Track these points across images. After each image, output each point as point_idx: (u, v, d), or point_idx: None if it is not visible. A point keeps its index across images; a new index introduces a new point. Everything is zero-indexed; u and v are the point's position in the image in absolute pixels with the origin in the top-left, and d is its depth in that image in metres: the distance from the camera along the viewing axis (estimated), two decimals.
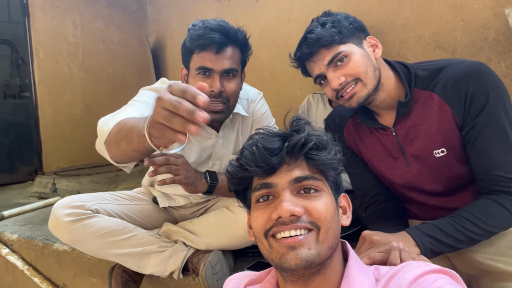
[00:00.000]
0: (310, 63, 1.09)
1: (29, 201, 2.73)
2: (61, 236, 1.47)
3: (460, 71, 1.02)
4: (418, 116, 1.08)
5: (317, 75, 1.08)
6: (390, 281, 0.66)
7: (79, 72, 3.71)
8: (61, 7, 3.59)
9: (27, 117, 3.51)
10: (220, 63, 1.30)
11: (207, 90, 0.62)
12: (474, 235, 0.97)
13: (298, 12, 2.55)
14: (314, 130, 0.73)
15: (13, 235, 2.03)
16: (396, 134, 1.12)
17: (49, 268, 1.89)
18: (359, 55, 1.04)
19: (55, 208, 1.45)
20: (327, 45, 1.03)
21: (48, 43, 3.51)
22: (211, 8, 3.11)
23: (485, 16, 1.71)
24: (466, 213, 0.98)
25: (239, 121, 1.52)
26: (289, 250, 0.65)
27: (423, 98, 1.07)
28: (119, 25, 4.02)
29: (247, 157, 0.71)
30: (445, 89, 1.03)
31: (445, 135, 1.05)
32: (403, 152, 1.12)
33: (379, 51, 1.09)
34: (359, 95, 1.04)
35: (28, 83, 3.53)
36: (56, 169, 3.49)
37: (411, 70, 1.09)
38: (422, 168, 1.10)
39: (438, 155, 1.07)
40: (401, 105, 1.07)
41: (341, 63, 1.03)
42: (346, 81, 1.03)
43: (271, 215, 0.68)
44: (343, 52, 1.03)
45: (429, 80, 1.07)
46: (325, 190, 0.71)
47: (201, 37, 1.27)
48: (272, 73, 2.76)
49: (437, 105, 1.04)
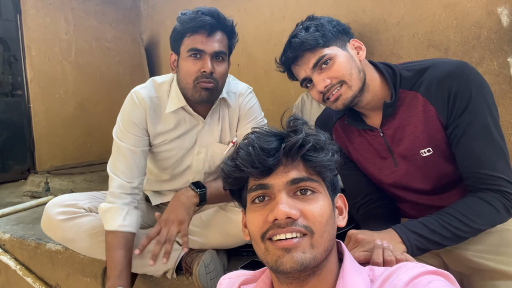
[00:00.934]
0: (296, 67, 1.11)
1: (22, 200, 2.71)
2: (54, 235, 1.47)
3: (443, 71, 1.04)
4: (404, 116, 1.09)
5: (303, 78, 1.10)
6: (385, 282, 0.66)
7: (72, 70, 3.68)
8: (53, 4, 3.56)
9: (19, 115, 3.48)
10: (211, 45, 1.34)
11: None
12: (460, 232, 0.98)
13: (292, 10, 2.55)
14: (311, 129, 0.72)
15: (5, 234, 2.02)
16: (384, 134, 1.13)
17: (42, 268, 1.88)
18: (343, 58, 1.06)
19: (47, 207, 1.44)
20: (311, 49, 1.05)
21: (40, 41, 3.48)
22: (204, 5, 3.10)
23: (478, 15, 1.72)
24: (452, 210, 0.99)
25: (226, 111, 1.53)
26: (285, 253, 0.65)
27: (408, 98, 1.08)
28: (113, 22, 3.99)
29: (243, 158, 0.69)
30: (428, 89, 1.05)
31: (430, 134, 1.06)
32: (391, 152, 1.13)
33: (363, 53, 1.11)
34: (344, 97, 1.06)
35: (20, 81, 3.49)
36: (49, 167, 3.46)
37: (396, 71, 1.11)
38: (410, 167, 1.12)
39: (425, 155, 1.08)
40: (386, 106, 1.09)
41: (325, 66, 1.05)
42: (331, 84, 1.05)
43: (267, 217, 0.67)
44: (327, 55, 1.05)
45: (414, 80, 1.08)
46: (322, 191, 0.70)
47: (193, 20, 1.32)
48: (267, 71, 2.76)
49: (421, 105, 1.06)
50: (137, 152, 1.44)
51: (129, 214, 1.39)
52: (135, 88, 1.49)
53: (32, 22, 3.44)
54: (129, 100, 1.46)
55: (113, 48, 3.97)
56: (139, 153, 1.44)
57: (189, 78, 1.36)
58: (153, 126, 1.46)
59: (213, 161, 1.55)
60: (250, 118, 1.55)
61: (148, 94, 1.46)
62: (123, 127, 1.45)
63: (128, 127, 1.44)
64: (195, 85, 1.36)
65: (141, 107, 1.44)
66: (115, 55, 3.97)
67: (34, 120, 3.47)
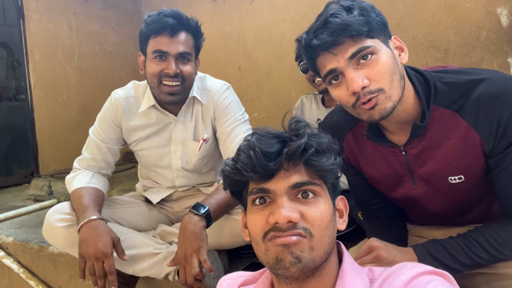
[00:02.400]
0: (326, 55, 0.86)
1: (25, 204, 2.72)
2: (55, 242, 1.48)
3: (492, 93, 0.86)
4: (435, 137, 0.93)
5: (331, 70, 0.87)
6: (384, 283, 0.66)
7: (75, 74, 3.70)
8: (56, 9, 3.58)
9: (23, 119, 3.50)
10: (175, 46, 1.38)
11: None
12: (482, 261, 0.92)
13: (293, 13, 2.56)
14: (313, 131, 0.71)
15: (9, 238, 2.03)
16: (406, 153, 0.98)
17: (45, 271, 1.89)
18: (387, 56, 0.86)
19: (48, 215, 1.46)
20: (354, 36, 0.83)
21: (43, 45, 3.50)
22: (206, 9, 3.11)
23: (477, 16, 1.72)
24: (479, 236, 0.92)
25: (199, 109, 1.56)
26: (284, 249, 0.64)
27: (444, 118, 0.91)
28: (115, 26, 4.01)
29: (244, 162, 0.68)
30: (475, 114, 0.88)
31: (468, 163, 0.92)
32: (411, 173, 1.00)
33: (405, 56, 0.92)
34: (382, 107, 0.85)
35: (23, 86, 3.51)
36: (52, 171, 3.48)
37: (429, 82, 0.92)
38: (430, 190, 1.01)
39: (454, 181, 0.96)
40: (416, 128, 0.92)
41: (364, 61, 0.84)
42: (369, 88, 0.84)
43: (268, 218, 0.67)
44: (371, 48, 0.84)
45: (453, 98, 0.90)
46: (323, 194, 0.70)
47: (156, 22, 1.37)
48: (268, 74, 2.76)
49: (463, 131, 0.90)
50: (103, 147, 1.56)
51: (95, 177, 1.50)
52: (116, 89, 1.61)
53: (35, 27, 3.46)
54: (108, 100, 1.59)
55: (115, 52, 3.99)
56: (104, 149, 1.56)
57: (153, 78, 1.41)
58: (128, 124, 1.56)
59: (189, 158, 1.59)
60: (227, 116, 1.54)
61: (125, 95, 1.57)
62: (97, 123, 1.59)
63: (101, 123, 1.57)
64: (159, 85, 1.41)
65: (116, 106, 1.55)
66: (118, 59, 3.99)
67: (38, 124, 3.49)
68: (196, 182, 1.66)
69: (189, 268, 1.24)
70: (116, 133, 1.57)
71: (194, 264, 1.23)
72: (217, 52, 3.02)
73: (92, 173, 1.53)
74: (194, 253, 1.25)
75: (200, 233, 1.29)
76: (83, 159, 1.57)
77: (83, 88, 3.73)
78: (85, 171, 1.54)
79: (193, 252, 1.25)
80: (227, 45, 2.99)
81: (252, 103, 2.84)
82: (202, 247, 1.25)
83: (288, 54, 2.48)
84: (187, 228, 1.29)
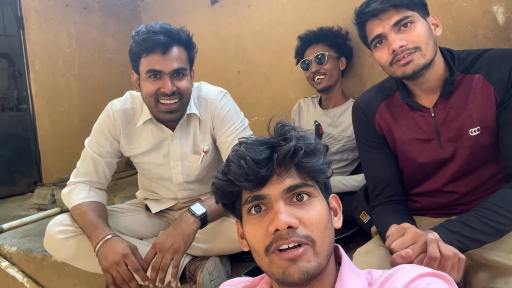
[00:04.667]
0: (375, 21, 1.10)
1: (29, 213, 2.74)
2: (56, 253, 1.49)
3: (503, 52, 1.08)
4: (459, 97, 1.11)
5: (377, 35, 1.10)
6: (383, 285, 0.66)
7: (76, 82, 3.72)
8: (55, 18, 3.61)
9: (25, 129, 3.52)
10: (168, 64, 1.33)
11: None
12: (502, 226, 0.97)
13: (290, 16, 2.56)
14: (299, 134, 0.72)
15: (12, 247, 2.04)
16: (435, 115, 1.15)
17: (49, 280, 1.90)
18: (424, 26, 1.08)
19: (48, 227, 1.47)
20: (398, 6, 1.06)
21: (43, 55, 3.52)
22: (204, 14, 3.13)
23: (474, 14, 1.72)
24: (489, 204, 0.99)
25: (196, 122, 1.53)
26: (291, 264, 0.64)
27: (465, 80, 1.11)
28: (114, 34, 4.03)
29: (235, 172, 0.68)
30: (489, 68, 1.08)
31: (484, 113, 1.08)
32: (438, 135, 1.15)
33: (440, 31, 1.14)
34: (416, 62, 1.06)
35: (25, 95, 3.54)
36: (55, 180, 3.49)
37: (454, 55, 1.14)
38: (455, 150, 1.14)
39: (473, 134, 1.10)
40: (447, 83, 1.10)
41: (405, 28, 1.07)
42: (406, 46, 1.05)
43: (267, 228, 0.66)
44: (411, 17, 1.06)
45: (472, 64, 1.11)
46: (317, 195, 0.70)
47: (146, 40, 1.32)
48: (267, 77, 2.77)
49: (481, 84, 1.08)
50: (100, 162, 1.51)
51: (92, 190, 1.48)
52: (112, 101, 1.55)
53: (35, 37, 3.49)
54: (105, 111, 1.53)
55: (115, 59, 4.01)
56: (102, 163, 1.52)
57: (150, 98, 1.37)
58: (127, 137, 1.52)
59: (190, 171, 1.56)
60: (227, 125, 1.51)
61: (122, 106, 1.52)
62: (94, 136, 1.53)
63: (98, 136, 1.52)
64: (157, 104, 1.37)
65: (113, 119, 1.50)
66: (118, 66, 4.01)
67: (40, 133, 3.51)
68: (198, 192, 1.65)
69: (160, 258, 1.27)
70: (113, 146, 1.54)
71: (166, 259, 1.27)
72: (216, 57, 3.03)
73: (88, 187, 1.51)
74: (171, 250, 1.28)
75: (189, 236, 1.32)
76: (79, 173, 1.53)
77: (84, 96, 3.75)
78: (81, 184, 1.51)
79: (172, 249, 1.28)
80: (225, 49, 2.99)
81: (252, 106, 2.85)
82: (181, 251, 1.29)
83: (287, 57, 2.48)
84: (180, 226, 1.33)
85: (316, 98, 2.13)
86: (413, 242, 0.92)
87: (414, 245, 0.91)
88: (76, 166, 1.58)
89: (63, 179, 3.48)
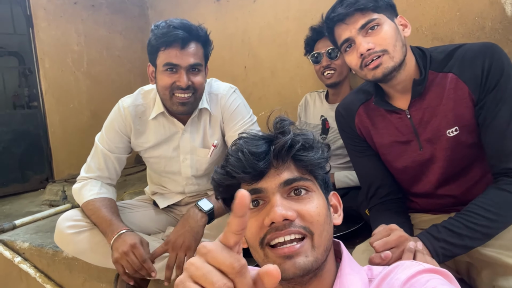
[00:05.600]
0: (342, 26, 1.09)
1: (41, 209, 2.79)
2: (66, 248, 1.52)
3: (476, 49, 1.05)
4: (433, 97, 1.09)
5: (346, 39, 1.09)
6: (383, 282, 0.66)
7: (85, 79, 3.76)
8: (64, 16, 3.64)
9: (36, 126, 3.57)
10: (186, 58, 1.36)
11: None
12: (489, 230, 0.95)
13: (296, 11, 2.55)
14: (298, 129, 0.72)
15: (25, 243, 2.08)
16: (411, 116, 1.13)
17: (60, 275, 1.94)
18: (390, 27, 1.07)
19: (58, 222, 1.50)
20: (363, 10, 1.06)
21: (53, 53, 3.56)
22: (210, 10, 3.12)
23: (481, 6, 1.69)
24: (475, 207, 0.96)
25: (207, 116, 1.55)
26: (286, 260, 0.64)
27: (439, 79, 1.09)
28: (122, 31, 4.05)
29: (233, 164, 0.69)
30: (461, 67, 1.05)
31: (460, 113, 1.06)
32: (417, 135, 1.14)
33: (408, 31, 1.12)
34: (385, 65, 1.05)
35: (35, 93, 3.59)
36: (66, 176, 3.54)
37: (426, 54, 1.12)
38: (435, 150, 1.12)
39: (451, 135, 1.08)
40: (416, 84, 1.09)
41: (372, 31, 1.06)
42: (374, 50, 1.04)
43: (263, 221, 0.66)
44: (376, 20, 1.06)
45: (445, 62, 1.09)
46: (316, 190, 0.70)
47: (166, 34, 1.35)
48: (273, 72, 2.76)
49: (453, 83, 1.06)
50: (111, 158, 1.54)
51: (103, 187, 1.51)
52: (122, 98, 1.58)
53: (44, 35, 3.53)
54: (115, 108, 1.56)
55: (123, 56, 4.04)
56: (112, 159, 1.54)
57: (165, 91, 1.41)
58: (138, 132, 1.55)
59: (199, 165, 1.59)
60: (235, 120, 1.54)
61: (133, 103, 1.55)
62: (104, 132, 1.56)
63: (109, 133, 1.55)
64: (171, 97, 1.40)
65: (124, 115, 1.53)
66: (126, 63, 4.03)
67: (50, 130, 3.56)
68: (206, 187, 1.67)
69: (173, 256, 1.31)
70: (124, 142, 1.56)
71: (180, 257, 1.30)
72: (223, 52, 3.03)
73: (100, 183, 1.53)
74: (183, 248, 1.31)
75: (197, 232, 1.35)
76: (90, 169, 1.56)
77: (93, 93, 3.79)
78: (93, 181, 1.53)
79: (184, 247, 1.31)
80: (232, 45, 2.99)
81: (259, 101, 2.85)
82: (192, 248, 1.32)
83: (293, 51, 2.47)
84: (188, 222, 1.36)
85: (323, 93, 2.12)
86: (396, 245, 0.92)
87: (395, 248, 0.91)
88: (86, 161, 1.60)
89: (74, 176, 3.52)
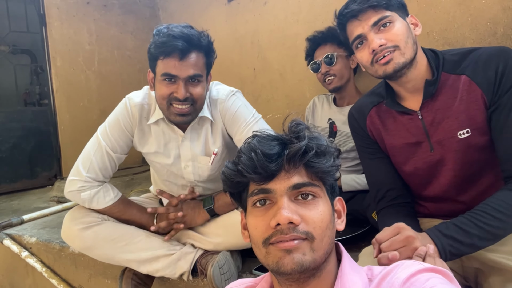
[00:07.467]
0: (355, 22, 1.11)
1: (49, 205, 2.82)
2: (73, 243, 1.53)
3: (489, 52, 1.05)
4: (445, 98, 1.10)
5: (358, 35, 1.11)
6: (383, 281, 0.66)
7: (95, 78, 3.81)
8: (76, 16, 3.69)
9: (46, 124, 3.62)
10: (185, 70, 1.32)
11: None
12: (497, 230, 0.94)
13: (306, 14, 2.55)
14: (312, 134, 0.72)
15: (32, 238, 2.11)
16: (423, 118, 1.13)
17: (66, 270, 1.96)
18: (402, 25, 1.08)
19: (65, 218, 1.51)
20: (376, 7, 1.07)
21: (64, 51, 3.61)
22: (220, 12, 3.14)
23: (493, 11, 1.68)
24: (486, 207, 0.96)
25: (208, 124, 1.52)
26: (286, 254, 0.65)
27: (451, 81, 1.09)
28: (133, 31, 4.10)
29: (245, 163, 0.69)
30: (475, 70, 1.06)
31: (472, 115, 1.06)
32: (428, 137, 1.13)
33: (419, 30, 1.14)
34: (396, 61, 1.06)
35: (46, 91, 3.64)
36: None
37: (438, 55, 1.13)
38: (445, 152, 1.11)
39: (462, 136, 1.08)
40: (428, 84, 1.09)
41: (384, 28, 1.07)
42: (385, 45, 1.06)
43: (269, 222, 0.67)
44: (389, 17, 1.07)
45: (458, 64, 1.10)
46: (322, 196, 0.71)
47: (165, 44, 1.30)
48: (282, 75, 2.77)
49: (466, 85, 1.06)
50: (113, 157, 1.51)
51: (112, 188, 1.55)
52: (129, 94, 1.54)
53: (57, 34, 3.58)
54: (123, 105, 1.52)
55: (134, 56, 4.08)
56: (114, 158, 1.52)
57: (163, 100, 1.37)
58: (141, 133, 1.53)
59: (201, 172, 1.57)
60: (238, 122, 1.49)
61: (140, 101, 1.50)
62: (109, 128, 1.51)
63: (113, 129, 1.50)
64: (169, 107, 1.37)
65: (131, 113, 1.49)
66: (136, 63, 4.07)
67: (60, 128, 3.61)
68: (212, 190, 1.66)
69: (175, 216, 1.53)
70: (126, 140, 1.52)
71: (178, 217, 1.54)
72: (232, 54, 3.05)
73: (108, 185, 1.53)
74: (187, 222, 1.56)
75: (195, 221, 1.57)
76: (92, 168, 1.49)
77: (103, 92, 3.83)
78: (104, 186, 1.52)
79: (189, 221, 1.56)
80: (241, 47, 3.01)
81: (267, 104, 2.85)
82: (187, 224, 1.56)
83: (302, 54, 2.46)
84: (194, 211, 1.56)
85: (331, 96, 2.12)
86: (403, 245, 0.90)
87: (404, 248, 0.89)
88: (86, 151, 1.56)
89: None
